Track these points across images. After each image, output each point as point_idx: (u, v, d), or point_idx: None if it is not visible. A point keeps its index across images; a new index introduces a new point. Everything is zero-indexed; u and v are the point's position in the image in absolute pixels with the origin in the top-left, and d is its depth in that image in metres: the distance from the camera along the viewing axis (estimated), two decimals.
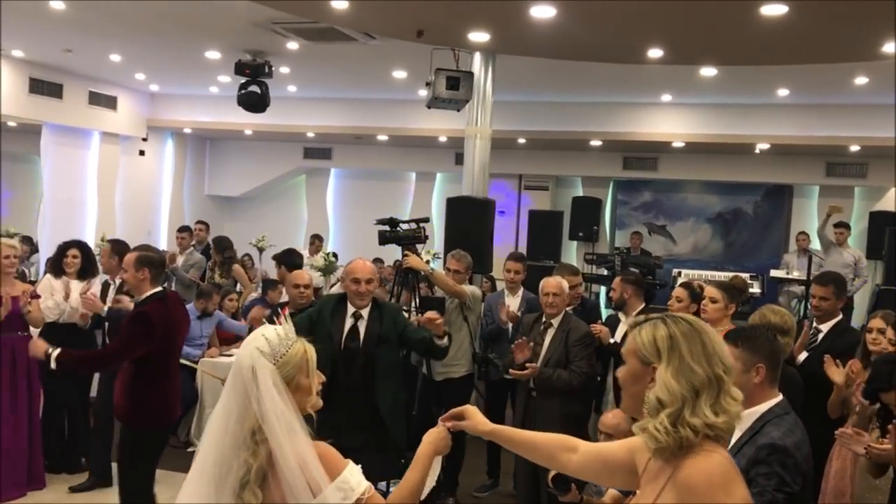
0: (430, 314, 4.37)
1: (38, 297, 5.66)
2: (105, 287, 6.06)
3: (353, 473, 2.09)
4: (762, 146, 11.20)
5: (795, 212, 12.87)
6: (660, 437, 1.80)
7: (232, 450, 2.00)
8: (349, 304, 4.35)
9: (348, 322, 4.28)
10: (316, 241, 10.38)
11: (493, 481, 6.05)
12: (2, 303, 5.26)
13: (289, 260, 6.61)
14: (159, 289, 4.28)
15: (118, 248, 5.86)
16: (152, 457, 4.26)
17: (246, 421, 2.01)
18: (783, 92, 9.95)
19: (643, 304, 5.21)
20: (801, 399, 3.52)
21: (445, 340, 4.57)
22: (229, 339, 7.28)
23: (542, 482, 4.81)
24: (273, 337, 2.10)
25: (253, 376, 2.02)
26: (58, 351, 4.14)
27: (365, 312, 4.32)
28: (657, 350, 1.88)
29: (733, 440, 2.73)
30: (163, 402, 4.21)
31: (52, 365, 4.13)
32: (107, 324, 5.86)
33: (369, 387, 4.18)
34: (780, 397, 2.74)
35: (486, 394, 6.46)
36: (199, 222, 10.10)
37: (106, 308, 5.59)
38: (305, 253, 10.32)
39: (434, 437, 2.35)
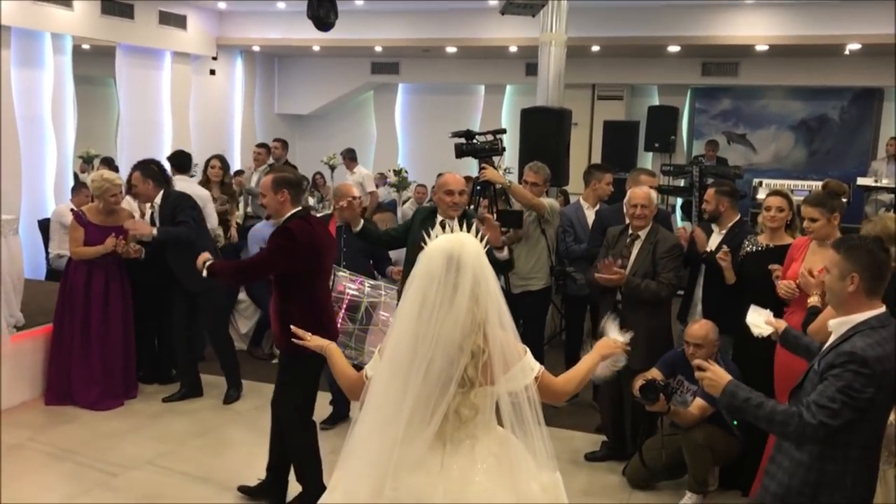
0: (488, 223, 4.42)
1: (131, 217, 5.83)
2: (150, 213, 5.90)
3: (530, 356, 2.44)
4: (852, 47, 10.57)
5: (885, 117, 12.25)
6: None
7: (461, 338, 2.30)
8: (438, 215, 4.61)
9: (436, 230, 4.35)
10: (346, 157, 10.53)
11: None
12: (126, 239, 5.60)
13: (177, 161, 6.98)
14: (300, 208, 4.14)
15: (149, 172, 5.74)
16: (309, 383, 4.18)
17: (477, 314, 2.32)
18: None
19: (738, 217, 5.02)
20: None
21: (505, 253, 4.58)
22: None
23: (626, 391, 4.81)
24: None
25: (482, 269, 2.34)
26: (210, 262, 4.15)
27: (453, 223, 4.42)
28: None
29: (825, 346, 2.76)
30: (315, 326, 3.92)
31: (204, 273, 4.12)
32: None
33: None
34: (881, 309, 2.69)
35: (563, 307, 6.44)
36: (276, 140, 10.15)
37: (154, 230, 5.57)
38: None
39: (605, 344, 2.72)
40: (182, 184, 6.64)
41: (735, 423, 3.00)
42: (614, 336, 2.76)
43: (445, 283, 2.30)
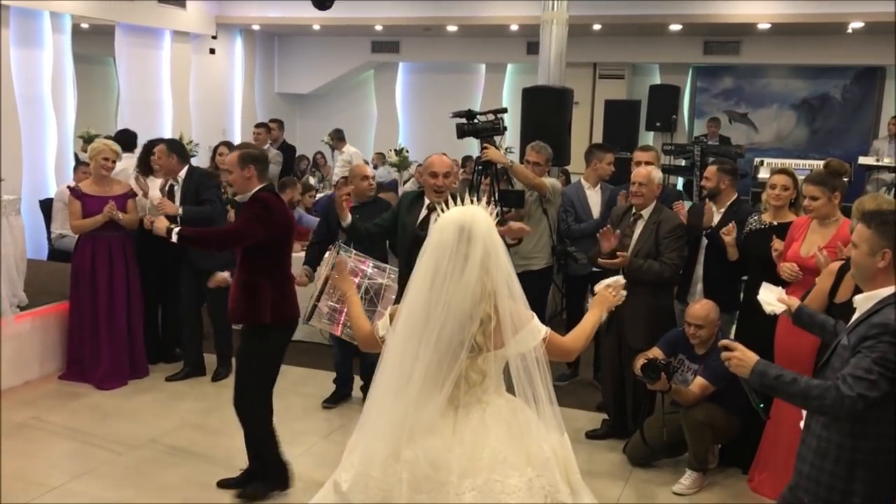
0: (516, 225, 4.34)
1: (134, 195, 5.83)
2: (171, 190, 5.88)
3: (537, 320, 2.54)
4: (855, 25, 10.52)
5: (887, 96, 12.20)
6: None
7: (472, 306, 2.40)
8: (425, 198, 4.49)
9: (422, 213, 4.44)
10: (335, 138, 10.25)
11: (572, 370, 6.10)
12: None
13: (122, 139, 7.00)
14: (266, 184, 4.15)
15: (174, 146, 5.88)
16: (267, 357, 4.14)
17: (487, 283, 2.41)
18: None
19: (736, 195, 5.02)
20: None
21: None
22: (305, 235, 7.36)
23: (627, 371, 4.84)
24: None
25: (493, 241, 2.43)
26: (179, 227, 4.17)
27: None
28: None
29: (851, 321, 2.71)
30: (282, 299, 4.06)
31: (174, 238, 4.10)
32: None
33: None
34: None
35: (564, 287, 6.45)
36: (272, 121, 10.11)
37: (179, 209, 5.60)
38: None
39: (601, 297, 2.82)
40: (130, 163, 6.90)
41: (762, 405, 2.96)
42: (605, 286, 2.89)
43: (457, 253, 2.39)
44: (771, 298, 3.26)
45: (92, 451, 4.76)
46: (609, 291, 2.86)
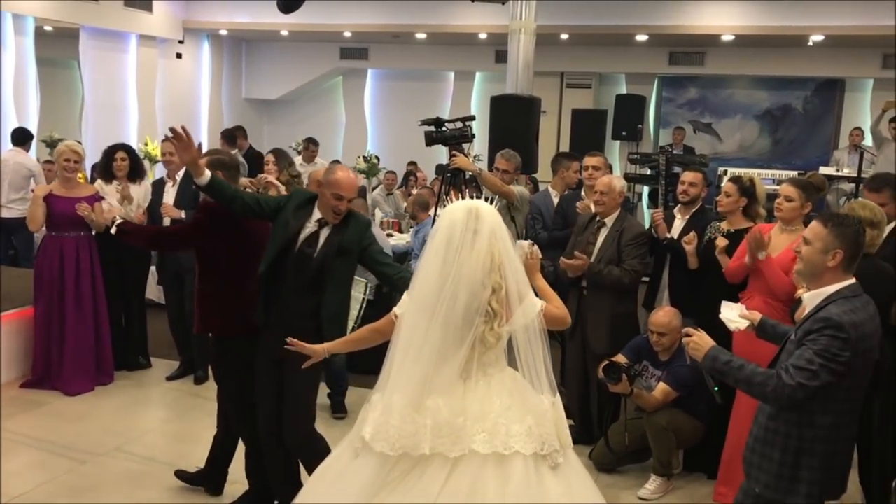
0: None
1: (102, 198, 5.77)
2: (160, 185, 5.99)
3: (532, 294, 2.75)
4: (816, 38, 10.76)
5: (847, 107, 12.49)
6: None
7: (483, 275, 2.62)
8: (317, 209, 3.78)
9: (310, 226, 3.74)
10: (310, 146, 10.07)
11: None
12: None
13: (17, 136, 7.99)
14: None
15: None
16: (235, 370, 3.98)
17: (496, 255, 2.64)
18: None
19: (700, 204, 5.10)
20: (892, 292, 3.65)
21: None
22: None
23: (592, 376, 4.88)
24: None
25: (499, 222, 2.68)
26: (120, 220, 4.14)
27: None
28: None
29: (799, 320, 2.84)
30: (225, 313, 3.93)
31: (112, 230, 4.06)
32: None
33: (317, 293, 3.69)
34: (852, 280, 2.79)
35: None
36: (236, 128, 10.05)
37: (182, 213, 5.60)
38: (298, 159, 9.91)
39: (526, 264, 2.91)
40: (19, 157, 8.26)
41: (717, 388, 3.07)
42: (522, 254, 3.02)
43: (467, 228, 2.63)
44: (733, 315, 3.29)
45: (54, 459, 4.68)
46: (525, 258, 3.01)
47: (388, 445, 2.57)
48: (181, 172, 5.79)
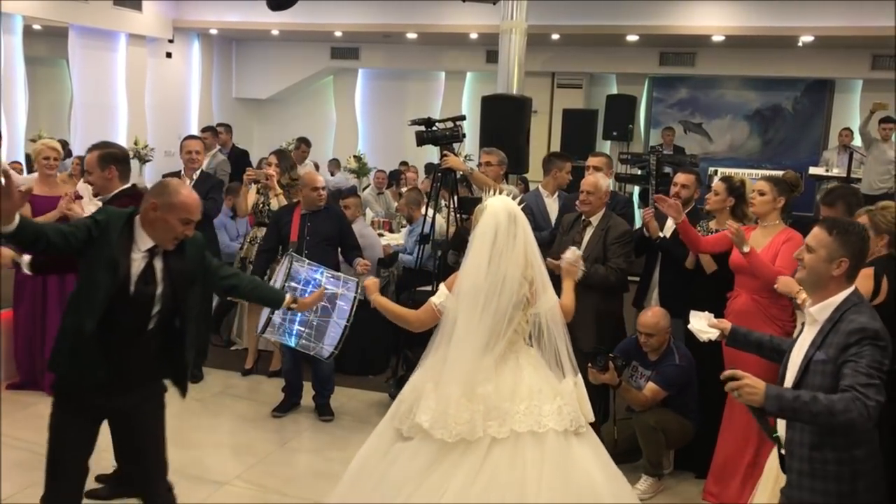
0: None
1: (80, 197, 5.72)
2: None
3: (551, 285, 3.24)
4: (806, 39, 10.79)
5: (836, 108, 12.55)
6: None
7: (521, 271, 3.09)
8: (139, 236, 3.01)
9: (139, 260, 3.01)
10: (302, 146, 10.01)
11: None
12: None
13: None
14: (129, 185, 3.92)
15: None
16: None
17: (528, 253, 3.12)
18: None
19: (693, 204, 5.09)
20: None
21: None
22: None
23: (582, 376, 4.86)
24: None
25: (525, 221, 3.15)
26: (28, 256, 3.63)
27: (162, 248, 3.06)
28: None
29: (813, 335, 2.68)
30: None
31: (25, 270, 3.67)
32: None
33: (168, 336, 3.15)
34: (854, 287, 2.69)
35: None
36: (220, 125, 9.97)
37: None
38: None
39: (566, 270, 3.69)
40: None
41: (776, 434, 2.78)
42: (567, 261, 3.64)
43: (508, 232, 3.06)
44: (702, 325, 3.20)
45: (40, 461, 4.63)
46: (570, 264, 3.61)
47: (447, 433, 2.94)
48: (198, 172, 5.89)
